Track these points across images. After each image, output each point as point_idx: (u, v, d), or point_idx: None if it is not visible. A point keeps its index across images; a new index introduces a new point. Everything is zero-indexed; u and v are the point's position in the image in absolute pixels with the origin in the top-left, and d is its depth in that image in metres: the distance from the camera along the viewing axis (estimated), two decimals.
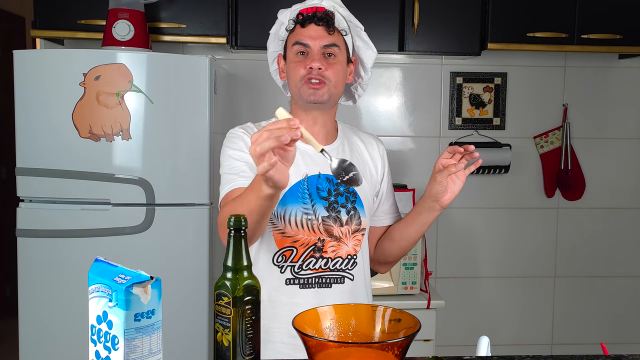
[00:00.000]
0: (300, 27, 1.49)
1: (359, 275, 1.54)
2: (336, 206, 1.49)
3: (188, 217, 2.30)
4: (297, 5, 1.53)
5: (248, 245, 1.01)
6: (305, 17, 1.48)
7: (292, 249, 1.47)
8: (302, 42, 1.47)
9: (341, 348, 0.97)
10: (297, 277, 1.48)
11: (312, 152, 1.50)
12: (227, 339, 0.97)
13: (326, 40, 1.47)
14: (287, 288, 1.47)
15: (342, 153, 1.55)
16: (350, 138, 1.61)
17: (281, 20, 1.56)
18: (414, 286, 2.55)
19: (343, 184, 1.49)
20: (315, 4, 1.50)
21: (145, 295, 0.88)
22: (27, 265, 2.26)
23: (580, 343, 3.12)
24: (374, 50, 1.58)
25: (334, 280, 1.50)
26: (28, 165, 2.24)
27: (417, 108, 2.99)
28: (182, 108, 2.27)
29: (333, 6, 1.51)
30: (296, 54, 1.48)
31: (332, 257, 1.49)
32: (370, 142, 1.64)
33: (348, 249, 1.51)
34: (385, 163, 1.64)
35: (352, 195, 1.52)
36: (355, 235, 1.52)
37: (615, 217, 3.11)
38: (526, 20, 2.67)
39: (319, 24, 1.47)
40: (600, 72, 3.04)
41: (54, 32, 2.51)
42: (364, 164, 1.58)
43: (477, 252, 3.07)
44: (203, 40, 2.60)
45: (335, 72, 1.47)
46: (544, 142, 3.03)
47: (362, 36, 1.56)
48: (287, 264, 1.47)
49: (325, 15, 1.47)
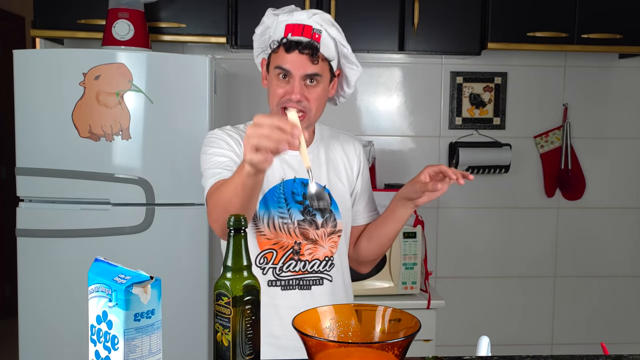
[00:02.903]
0: (284, 51, 1.45)
1: (337, 276, 1.56)
2: (311, 210, 1.51)
3: (188, 217, 2.30)
4: (284, 16, 1.48)
5: (248, 245, 1.01)
6: (289, 43, 1.44)
7: (272, 252, 1.49)
8: (284, 67, 1.44)
9: (341, 348, 0.97)
10: (279, 279, 1.50)
11: (289, 157, 1.51)
12: (227, 339, 0.97)
13: (309, 70, 1.44)
14: (269, 289, 1.49)
15: (317, 157, 1.57)
16: (327, 141, 1.62)
17: (267, 23, 1.53)
18: (414, 286, 2.55)
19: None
20: (302, 21, 1.45)
21: (145, 295, 0.88)
22: (27, 265, 2.26)
23: (580, 343, 3.12)
24: (359, 69, 1.55)
25: (313, 282, 1.52)
26: (28, 165, 2.24)
27: (417, 108, 2.99)
28: (182, 108, 2.27)
29: (321, 25, 1.46)
30: (277, 77, 1.46)
31: (309, 260, 1.51)
32: (347, 142, 1.65)
33: (325, 251, 1.53)
34: (361, 162, 1.65)
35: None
36: (332, 237, 1.54)
37: (615, 217, 3.11)
38: (526, 20, 2.67)
39: (303, 52, 1.43)
40: (600, 72, 3.04)
41: (54, 32, 2.51)
42: (338, 165, 1.60)
43: (477, 252, 3.07)
44: (203, 40, 2.59)
45: (316, 98, 1.46)
46: (544, 141, 3.03)
47: (348, 56, 1.52)
48: (269, 266, 1.50)
49: (310, 44, 1.43)
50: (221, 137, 1.53)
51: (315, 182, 1.25)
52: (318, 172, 1.55)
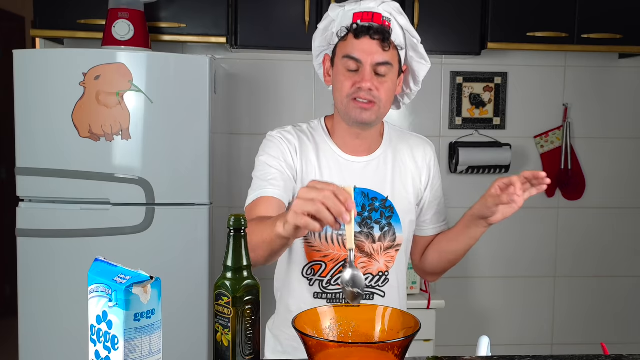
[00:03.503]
0: (353, 38, 1.36)
1: (391, 292, 1.48)
2: (369, 222, 1.44)
3: (188, 217, 2.30)
4: (350, 4, 1.40)
5: (248, 245, 1.01)
6: (360, 28, 1.35)
7: (321, 264, 1.43)
8: (354, 56, 1.35)
9: (341, 348, 0.97)
10: (325, 292, 1.44)
11: (352, 165, 1.45)
12: (227, 339, 0.97)
13: (380, 58, 1.35)
14: (314, 302, 1.43)
15: (384, 164, 1.48)
16: (396, 145, 1.52)
17: (332, 17, 1.43)
18: (414, 286, 2.55)
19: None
20: (371, 9, 1.37)
21: (145, 295, 0.88)
22: (27, 265, 2.26)
23: (580, 343, 3.12)
24: (428, 64, 1.46)
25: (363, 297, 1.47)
26: (28, 165, 2.24)
27: (417, 108, 2.99)
28: (182, 108, 2.27)
29: (390, 13, 1.38)
30: (345, 66, 1.37)
31: (362, 274, 1.45)
32: (418, 148, 1.53)
33: (379, 265, 1.46)
34: (431, 171, 1.54)
35: (388, 210, 1.46)
36: (388, 252, 1.46)
37: (615, 217, 3.11)
38: (526, 20, 2.67)
39: (374, 37, 1.34)
40: (600, 72, 3.04)
41: (54, 32, 2.51)
42: (406, 174, 1.50)
43: (477, 252, 3.07)
44: (203, 40, 2.59)
45: (386, 91, 1.38)
46: (544, 141, 3.03)
47: (417, 48, 1.43)
48: (316, 278, 1.44)
49: (381, 29, 1.35)
50: (276, 143, 1.44)
51: (352, 268, 1.11)
52: (383, 180, 1.45)
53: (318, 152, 1.46)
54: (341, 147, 1.47)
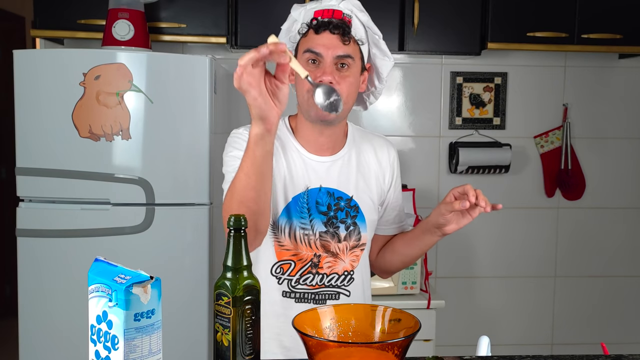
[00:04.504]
0: (313, 33, 1.39)
1: (356, 291, 1.49)
2: (335, 221, 1.45)
3: (188, 217, 2.30)
4: (312, 3, 1.44)
5: (248, 245, 1.01)
6: (319, 23, 1.38)
7: (290, 263, 1.44)
8: (314, 50, 1.37)
9: (341, 348, 0.97)
10: (293, 291, 1.45)
11: (316, 164, 1.45)
12: (227, 338, 0.97)
13: (340, 51, 1.37)
14: (283, 300, 1.44)
15: (348, 163, 1.49)
16: (359, 145, 1.52)
17: (294, 16, 1.47)
18: (414, 286, 2.55)
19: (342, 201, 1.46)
20: (331, 6, 1.40)
21: (145, 295, 0.88)
22: (27, 265, 2.26)
23: (580, 343, 3.12)
24: (391, 60, 1.49)
25: (329, 296, 1.46)
26: (28, 165, 2.24)
27: (417, 108, 2.99)
28: (182, 108, 2.27)
29: (351, 10, 1.41)
30: (307, 62, 1.38)
31: (327, 273, 1.45)
32: (381, 149, 1.55)
33: (345, 265, 1.47)
34: (394, 171, 1.56)
35: (353, 209, 1.47)
36: (354, 251, 1.47)
37: (615, 217, 3.11)
38: (526, 20, 2.67)
39: (334, 32, 1.37)
40: (600, 72, 3.04)
41: (54, 32, 2.51)
42: (370, 174, 1.51)
43: (477, 252, 3.07)
44: (203, 40, 2.59)
45: (347, 86, 1.38)
46: (544, 141, 3.03)
47: (379, 45, 1.46)
48: (285, 277, 1.44)
49: (341, 23, 1.37)
50: (244, 139, 1.43)
51: (317, 85, 1.21)
52: (347, 180, 1.47)
53: (285, 150, 1.46)
54: (305, 146, 1.47)
